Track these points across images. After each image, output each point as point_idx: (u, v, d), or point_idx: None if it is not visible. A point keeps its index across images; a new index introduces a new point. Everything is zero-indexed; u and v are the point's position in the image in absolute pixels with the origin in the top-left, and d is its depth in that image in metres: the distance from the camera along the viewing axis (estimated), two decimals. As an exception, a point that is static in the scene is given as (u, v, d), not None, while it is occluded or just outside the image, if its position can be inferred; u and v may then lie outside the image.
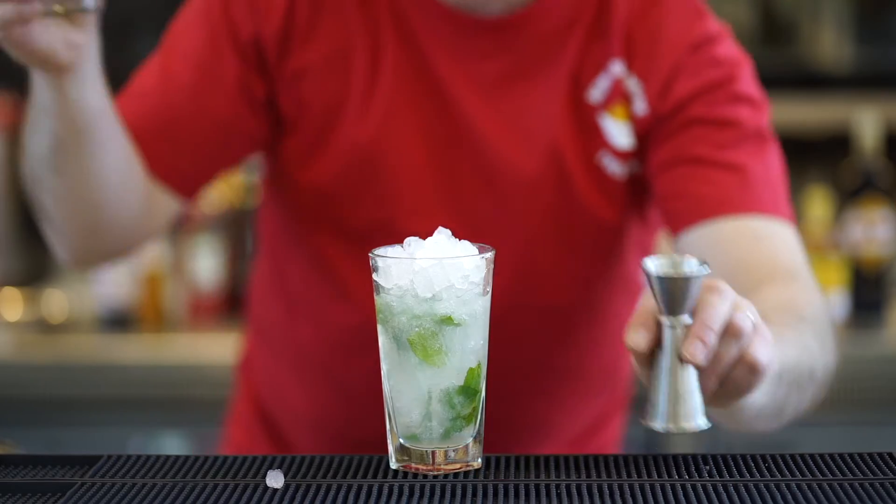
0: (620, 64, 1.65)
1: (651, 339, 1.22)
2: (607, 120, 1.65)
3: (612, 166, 1.66)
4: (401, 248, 1.25)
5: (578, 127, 1.65)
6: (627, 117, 1.65)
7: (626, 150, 1.66)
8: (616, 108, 1.65)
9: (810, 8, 3.53)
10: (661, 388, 1.22)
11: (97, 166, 1.60)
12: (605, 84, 1.65)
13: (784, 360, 1.36)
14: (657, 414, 1.23)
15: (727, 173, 1.62)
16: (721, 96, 1.64)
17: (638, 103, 1.65)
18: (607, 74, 1.65)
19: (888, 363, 3.07)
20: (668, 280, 1.20)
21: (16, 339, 3.21)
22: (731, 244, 1.59)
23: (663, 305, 1.21)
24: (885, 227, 3.22)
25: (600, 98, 1.65)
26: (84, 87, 1.54)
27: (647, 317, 1.22)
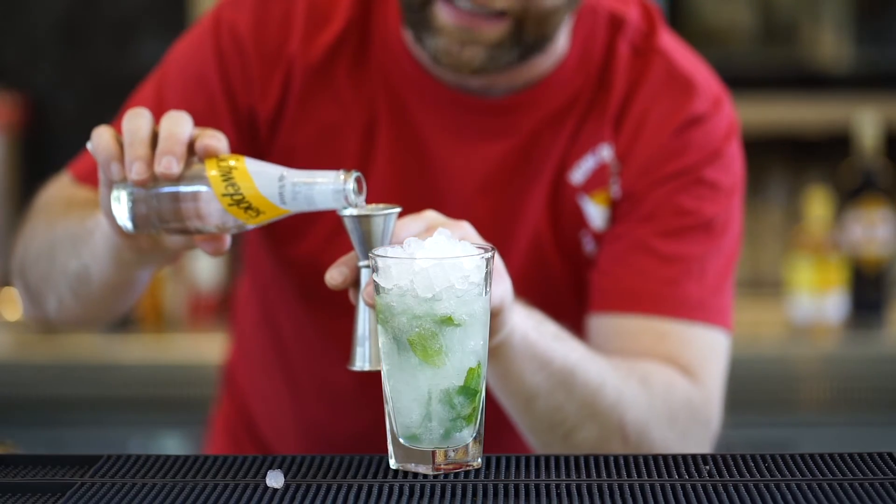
0: (609, 148, 1.63)
1: (347, 277, 1.31)
2: (587, 203, 1.64)
3: (590, 247, 1.65)
4: (401, 249, 1.25)
5: (559, 210, 1.64)
6: (607, 203, 1.64)
7: (601, 232, 1.64)
8: (597, 193, 1.63)
9: (810, 8, 3.53)
10: (357, 329, 1.31)
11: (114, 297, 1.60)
12: (589, 165, 1.63)
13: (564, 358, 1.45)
14: (354, 355, 1.32)
15: (662, 266, 1.60)
16: (685, 181, 1.62)
17: (614, 187, 1.63)
18: (594, 156, 1.63)
19: (888, 363, 3.07)
20: (356, 219, 1.28)
21: (16, 339, 3.21)
22: (632, 338, 1.58)
23: (358, 247, 1.29)
24: (885, 227, 3.22)
25: (582, 180, 1.63)
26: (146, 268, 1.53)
27: (350, 257, 1.31)
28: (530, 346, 1.44)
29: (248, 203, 1.32)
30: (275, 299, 1.77)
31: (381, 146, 1.63)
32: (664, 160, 1.62)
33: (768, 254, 3.58)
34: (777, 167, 3.60)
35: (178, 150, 1.32)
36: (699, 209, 1.62)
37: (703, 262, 1.62)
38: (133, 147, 1.32)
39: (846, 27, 3.51)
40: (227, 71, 1.63)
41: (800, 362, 3.03)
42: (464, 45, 1.53)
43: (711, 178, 1.63)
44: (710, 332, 1.62)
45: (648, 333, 1.58)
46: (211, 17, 1.67)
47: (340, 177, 1.29)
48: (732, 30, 3.55)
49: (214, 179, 1.32)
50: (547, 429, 1.50)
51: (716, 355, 1.62)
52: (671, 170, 1.62)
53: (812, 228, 3.18)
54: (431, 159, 1.63)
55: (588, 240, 1.65)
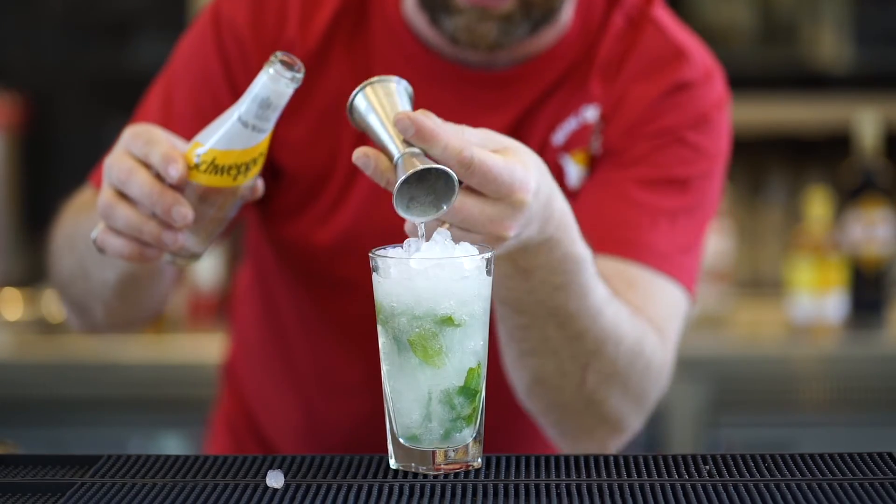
0: (595, 109, 1.64)
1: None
2: (568, 162, 1.64)
3: None
4: (401, 249, 1.25)
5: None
6: (586, 163, 1.64)
7: (575, 190, 1.65)
8: (577, 152, 1.64)
9: (810, 8, 3.53)
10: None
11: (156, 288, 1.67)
12: (571, 127, 1.64)
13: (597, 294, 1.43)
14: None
15: (633, 211, 1.60)
16: (666, 140, 1.62)
17: (595, 144, 1.64)
18: (576, 118, 1.64)
19: (888, 363, 3.07)
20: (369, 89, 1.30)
21: (16, 339, 3.21)
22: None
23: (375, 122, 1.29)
24: (885, 227, 3.22)
25: (563, 140, 1.64)
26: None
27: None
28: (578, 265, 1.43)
29: (242, 165, 1.36)
30: (275, 286, 1.78)
31: None
32: (648, 119, 1.63)
33: (768, 254, 3.58)
34: (777, 167, 3.60)
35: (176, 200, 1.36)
36: (677, 167, 1.63)
37: (675, 218, 1.62)
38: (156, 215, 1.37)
39: (846, 27, 3.51)
40: (230, 65, 1.65)
41: (800, 362, 3.03)
42: (479, 21, 1.56)
43: (694, 141, 1.64)
44: (675, 289, 1.61)
45: (617, 278, 1.57)
46: (209, 13, 1.69)
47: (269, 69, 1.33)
48: (732, 30, 3.55)
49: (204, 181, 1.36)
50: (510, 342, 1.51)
51: (678, 315, 1.62)
52: (654, 128, 1.63)
53: (812, 228, 3.18)
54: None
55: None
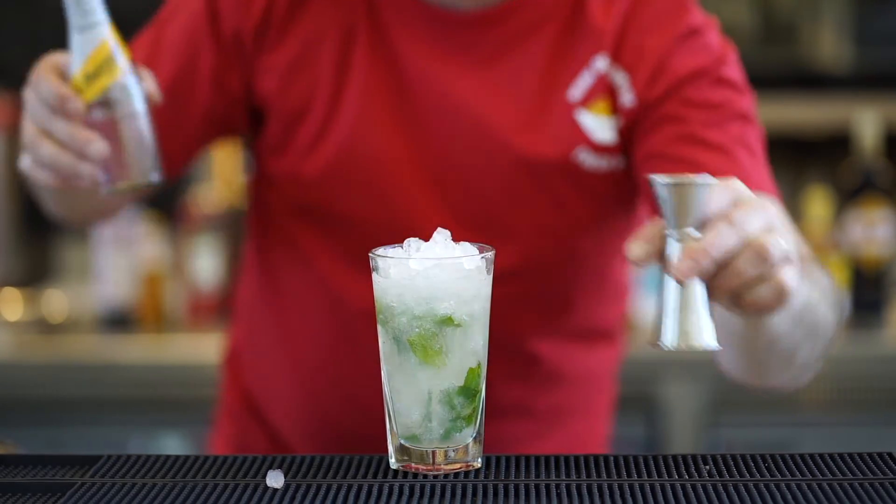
0: (604, 58, 1.66)
1: (650, 251, 1.22)
2: (586, 116, 1.65)
3: (590, 161, 1.66)
4: (401, 249, 1.25)
5: (554, 124, 1.65)
6: (611, 111, 1.66)
7: (606, 145, 1.66)
8: (597, 103, 1.66)
9: (810, 8, 3.53)
10: (668, 304, 1.21)
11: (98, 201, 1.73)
12: (587, 81, 1.66)
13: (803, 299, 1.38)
14: (665, 331, 1.21)
15: (713, 154, 1.61)
16: (706, 81, 1.65)
17: (625, 95, 1.65)
18: (590, 71, 1.66)
19: (888, 363, 3.07)
20: (672, 188, 1.20)
21: (16, 339, 3.21)
22: None
23: (669, 216, 1.21)
24: (885, 227, 3.22)
25: (580, 96, 1.66)
26: None
27: (651, 230, 1.23)
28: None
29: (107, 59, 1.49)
30: (274, 249, 1.79)
31: (358, 58, 1.68)
32: (676, 64, 1.65)
33: (768, 254, 3.57)
34: (777, 167, 3.58)
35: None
36: (729, 102, 1.65)
37: (749, 148, 1.63)
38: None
39: (846, 27, 3.51)
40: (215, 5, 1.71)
41: (800, 362, 3.03)
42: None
43: (729, 76, 1.67)
44: (778, 207, 1.60)
45: None
46: None
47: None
48: (732, 30, 3.55)
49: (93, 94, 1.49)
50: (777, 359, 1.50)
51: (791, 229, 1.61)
52: (687, 71, 1.64)
53: (812, 228, 3.18)
54: (407, 73, 1.67)
55: (587, 155, 1.66)
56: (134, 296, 3.21)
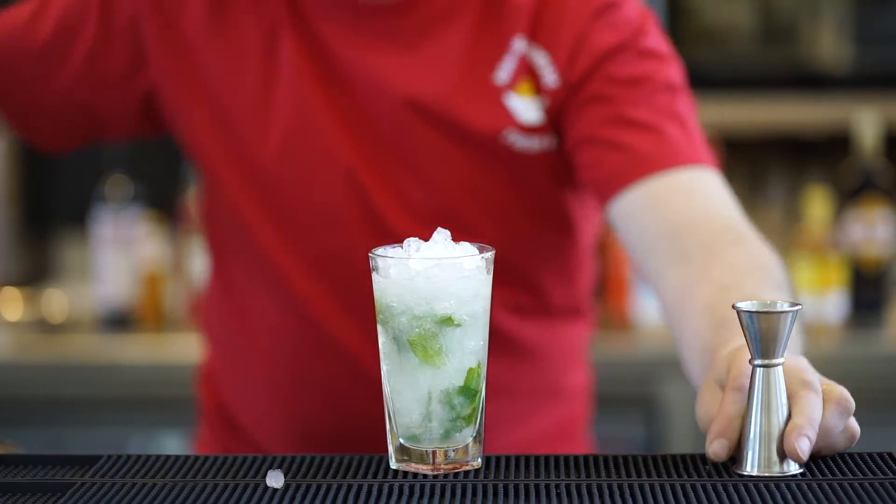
0: (522, 40, 1.65)
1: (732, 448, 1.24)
2: (513, 98, 1.66)
3: (520, 142, 1.66)
4: (401, 249, 1.25)
5: (485, 107, 1.66)
6: (535, 92, 1.65)
7: (534, 125, 1.66)
8: (522, 84, 1.66)
9: (810, 8, 3.53)
10: (752, 432, 1.23)
11: None
12: (511, 63, 1.65)
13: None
14: (750, 458, 1.23)
15: (643, 133, 1.61)
16: (628, 55, 1.64)
17: (547, 76, 1.65)
18: (511, 54, 1.65)
19: (888, 363, 3.07)
20: (758, 316, 1.21)
21: (16, 339, 3.21)
22: (662, 205, 1.58)
23: (757, 345, 1.22)
24: (885, 227, 3.22)
25: (507, 78, 1.66)
26: None
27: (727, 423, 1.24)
28: None
29: None
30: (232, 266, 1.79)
31: (285, 55, 1.68)
32: (595, 40, 1.64)
33: (768, 254, 3.58)
34: (777, 167, 3.60)
35: None
36: (654, 73, 1.64)
37: (679, 119, 1.63)
38: None
39: (846, 27, 3.51)
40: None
41: (800, 362, 3.03)
42: None
43: (651, 47, 1.66)
44: (715, 176, 1.63)
45: (675, 192, 1.58)
46: None
47: None
48: (732, 30, 3.55)
49: None
50: None
51: (732, 197, 1.62)
52: (606, 47, 1.64)
53: (812, 228, 3.18)
54: (336, 64, 1.67)
55: (516, 136, 1.66)
56: (134, 296, 3.22)
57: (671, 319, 1.55)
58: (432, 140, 1.67)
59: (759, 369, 1.23)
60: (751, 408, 1.23)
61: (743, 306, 1.22)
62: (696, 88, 3.83)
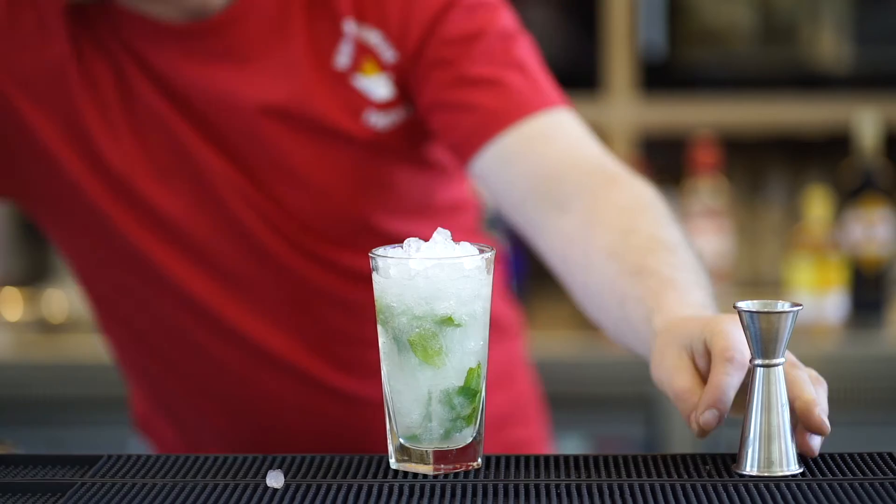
0: (352, 23, 1.65)
1: (722, 420, 1.25)
2: (360, 80, 1.65)
3: (380, 121, 1.66)
4: (401, 249, 1.25)
5: (337, 95, 1.65)
6: (379, 69, 1.65)
7: (388, 101, 1.66)
8: (365, 64, 1.65)
9: (810, 8, 3.53)
10: (752, 432, 1.23)
11: None
12: (348, 48, 1.65)
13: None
14: (750, 458, 1.24)
15: (487, 89, 1.62)
16: (457, 13, 1.64)
17: (384, 52, 1.65)
18: (346, 38, 1.65)
19: (888, 363, 3.07)
20: (758, 316, 1.21)
21: (16, 339, 3.21)
22: (524, 157, 1.59)
23: (757, 345, 1.22)
24: (885, 227, 3.22)
25: (348, 62, 1.65)
26: None
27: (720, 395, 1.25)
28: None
29: None
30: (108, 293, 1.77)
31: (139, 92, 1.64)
32: (420, 6, 1.64)
33: (768, 253, 3.58)
34: (777, 167, 3.60)
35: None
36: (486, 24, 1.64)
37: (520, 66, 1.64)
38: None
39: (846, 27, 3.51)
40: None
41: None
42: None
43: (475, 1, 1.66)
44: (568, 115, 1.64)
45: (533, 141, 1.59)
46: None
47: None
48: (732, 30, 3.55)
49: None
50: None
51: (590, 133, 1.64)
52: (433, 10, 1.64)
53: (812, 228, 3.18)
54: (186, 92, 1.64)
55: (374, 115, 1.66)
56: (134, 296, 3.21)
57: (563, 268, 1.55)
58: (300, 142, 1.65)
59: (759, 369, 1.22)
60: (751, 408, 1.23)
61: (743, 306, 1.22)
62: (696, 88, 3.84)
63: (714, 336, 1.27)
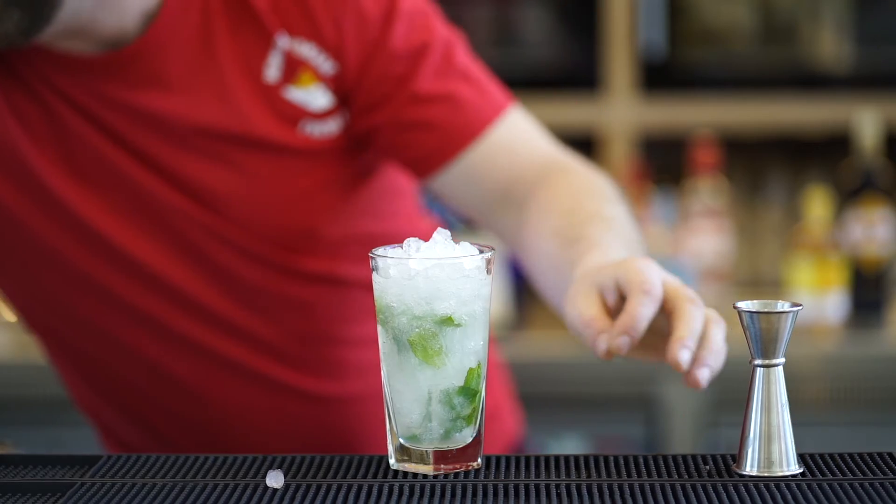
0: (284, 36, 1.63)
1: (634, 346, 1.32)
2: (293, 91, 1.64)
3: (318, 130, 1.65)
4: (401, 249, 1.25)
5: (271, 109, 1.64)
6: (316, 79, 1.64)
7: (325, 110, 1.65)
8: (301, 76, 1.64)
9: (810, 8, 3.53)
10: (753, 431, 1.23)
11: None
12: (277, 60, 1.63)
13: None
14: (750, 458, 1.24)
15: (442, 105, 1.64)
16: (399, 28, 1.64)
17: (322, 64, 1.64)
18: (276, 51, 1.63)
19: (888, 363, 3.07)
20: (761, 317, 1.21)
21: (16, 339, 3.21)
22: (485, 172, 1.64)
23: (757, 345, 1.22)
24: (885, 227, 3.22)
25: (278, 75, 1.63)
26: None
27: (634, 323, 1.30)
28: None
29: None
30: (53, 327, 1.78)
31: (70, 127, 1.62)
32: (351, 19, 1.63)
33: (768, 253, 3.58)
34: (777, 167, 3.60)
35: None
36: (428, 38, 1.65)
37: (462, 70, 1.66)
38: None
39: (846, 27, 3.51)
40: None
41: (800, 362, 3.04)
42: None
43: (407, 9, 1.65)
44: (516, 114, 1.67)
45: (491, 156, 1.63)
46: None
47: None
48: (732, 30, 3.55)
49: None
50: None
51: (539, 130, 1.68)
52: (370, 24, 1.63)
53: (812, 228, 3.18)
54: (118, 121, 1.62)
55: (312, 125, 1.65)
56: (134, 296, 3.21)
57: (523, 256, 1.62)
58: (237, 158, 1.63)
59: (759, 369, 1.23)
60: (750, 408, 1.23)
61: (743, 306, 1.22)
62: (696, 88, 3.84)
63: (629, 273, 1.31)
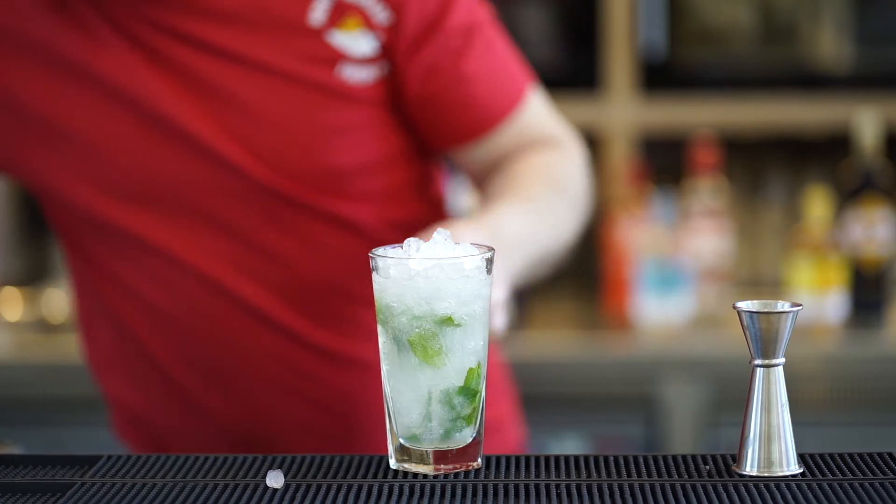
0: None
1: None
2: (337, 35, 1.66)
3: (356, 75, 1.67)
4: (401, 249, 1.25)
5: (312, 50, 1.66)
6: (363, 26, 1.66)
7: (368, 56, 1.67)
8: (347, 21, 1.66)
9: (810, 8, 3.53)
10: (753, 431, 1.23)
11: None
12: (323, 5, 1.65)
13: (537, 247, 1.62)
14: (750, 458, 1.24)
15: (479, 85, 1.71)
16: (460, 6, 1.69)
17: (378, 13, 1.66)
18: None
19: (888, 363, 3.07)
20: (761, 317, 1.21)
21: (16, 339, 3.21)
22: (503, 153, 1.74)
23: (757, 345, 1.22)
24: (885, 227, 3.22)
25: (323, 18, 1.65)
26: None
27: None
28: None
29: None
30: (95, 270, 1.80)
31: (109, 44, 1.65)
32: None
33: (768, 253, 3.58)
34: (777, 167, 3.60)
35: None
36: (479, 18, 1.71)
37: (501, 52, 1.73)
38: None
39: (846, 27, 3.51)
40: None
41: (800, 362, 3.04)
42: None
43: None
44: (535, 92, 1.76)
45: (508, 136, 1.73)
46: None
47: None
48: (732, 30, 3.55)
49: None
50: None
51: (550, 112, 1.79)
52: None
53: (812, 228, 3.18)
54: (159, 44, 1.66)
55: (352, 69, 1.67)
56: (134, 296, 3.21)
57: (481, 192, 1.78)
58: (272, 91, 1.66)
59: (759, 369, 1.23)
60: (750, 408, 1.23)
61: (743, 306, 1.22)
62: (696, 88, 3.83)
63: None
